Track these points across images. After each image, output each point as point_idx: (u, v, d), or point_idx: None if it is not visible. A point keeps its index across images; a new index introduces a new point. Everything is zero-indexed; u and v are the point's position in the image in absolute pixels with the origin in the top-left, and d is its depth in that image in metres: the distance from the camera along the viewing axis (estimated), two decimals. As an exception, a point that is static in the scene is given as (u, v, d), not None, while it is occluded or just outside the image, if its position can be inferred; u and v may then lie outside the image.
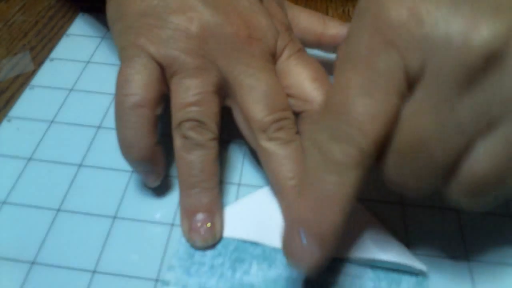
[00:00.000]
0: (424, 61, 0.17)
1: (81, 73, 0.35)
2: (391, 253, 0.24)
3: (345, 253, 0.24)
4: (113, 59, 0.36)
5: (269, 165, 0.25)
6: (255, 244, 0.25)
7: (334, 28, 0.31)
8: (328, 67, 0.28)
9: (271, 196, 0.26)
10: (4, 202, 0.27)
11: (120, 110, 0.24)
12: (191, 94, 0.25)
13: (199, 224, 0.24)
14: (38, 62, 0.36)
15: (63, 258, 0.24)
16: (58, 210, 0.26)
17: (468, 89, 0.17)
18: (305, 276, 0.23)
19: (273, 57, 0.27)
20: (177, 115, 0.25)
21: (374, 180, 0.28)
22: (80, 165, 0.29)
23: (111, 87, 0.33)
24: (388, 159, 0.19)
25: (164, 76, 0.26)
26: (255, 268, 0.24)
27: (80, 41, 0.37)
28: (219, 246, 0.25)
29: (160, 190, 0.27)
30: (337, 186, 0.19)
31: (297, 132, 0.26)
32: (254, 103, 0.25)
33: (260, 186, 0.27)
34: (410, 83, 0.18)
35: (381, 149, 0.19)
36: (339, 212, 0.19)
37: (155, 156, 0.25)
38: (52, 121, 0.31)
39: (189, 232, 0.24)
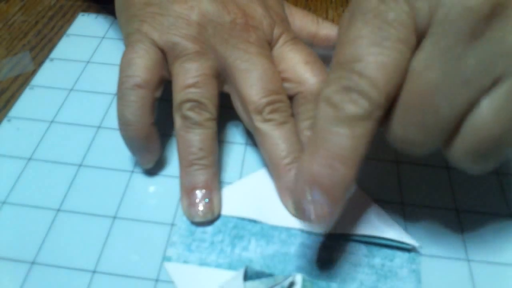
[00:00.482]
0: (432, 10, 0.18)
1: (81, 73, 0.35)
2: (384, 229, 0.25)
3: (340, 229, 0.25)
4: (113, 59, 0.35)
5: (264, 145, 0.26)
6: (253, 221, 0.26)
7: (327, 29, 0.33)
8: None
9: (268, 177, 0.28)
10: (4, 202, 0.27)
11: (121, 90, 0.26)
12: (190, 77, 0.26)
13: (197, 200, 0.25)
14: (38, 62, 0.36)
15: (63, 258, 0.24)
16: (58, 210, 0.26)
17: (474, 40, 0.17)
18: (301, 252, 0.24)
19: (269, 44, 0.28)
20: (177, 97, 0.26)
21: (374, 180, 0.28)
22: (80, 165, 0.29)
23: (111, 87, 0.34)
24: (395, 113, 0.19)
25: (165, 61, 0.27)
26: (253, 245, 0.25)
27: (80, 41, 0.37)
28: (218, 224, 0.26)
29: (160, 190, 0.27)
30: (349, 139, 0.19)
31: (292, 115, 0.27)
32: (250, 86, 0.26)
33: (260, 186, 0.28)
34: (419, 35, 0.18)
35: (390, 101, 0.19)
36: (352, 166, 0.19)
37: (150, 135, 0.27)
38: (52, 121, 0.31)
39: (188, 208, 0.25)
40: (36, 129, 0.30)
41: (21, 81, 0.34)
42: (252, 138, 0.28)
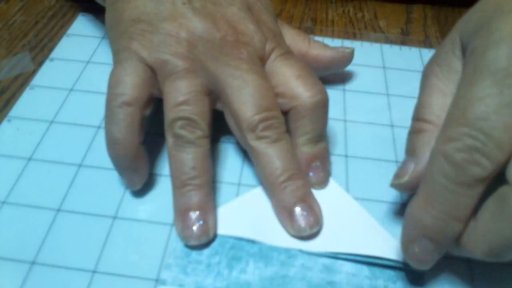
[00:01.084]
0: None
1: (81, 73, 0.35)
2: (387, 250, 0.24)
3: (342, 249, 0.24)
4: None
5: (258, 163, 0.26)
6: (251, 242, 0.25)
7: (317, 49, 0.32)
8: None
9: (265, 195, 0.27)
10: (4, 202, 0.27)
11: (110, 107, 0.26)
12: (181, 94, 0.26)
13: (191, 222, 0.24)
14: (38, 62, 0.36)
15: (63, 258, 0.24)
16: (58, 210, 0.26)
17: None
18: (301, 274, 0.24)
19: (261, 60, 0.28)
20: (168, 115, 0.26)
21: (374, 179, 0.28)
22: (80, 165, 0.29)
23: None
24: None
25: (155, 79, 0.27)
26: (251, 267, 0.24)
27: (80, 41, 0.37)
28: (215, 245, 0.25)
29: (161, 190, 0.27)
30: (468, 198, 0.19)
31: (287, 131, 0.26)
32: (242, 103, 0.26)
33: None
34: None
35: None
36: (464, 221, 0.20)
37: (138, 155, 0.26)
38: (52, 121, 0.31)
39: (182, 231, 0.25)
40: (36, 129, 0.30)
41: (21, 81, 0.34)
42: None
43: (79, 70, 0.35)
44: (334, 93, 0.34)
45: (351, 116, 0.33)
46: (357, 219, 0.26)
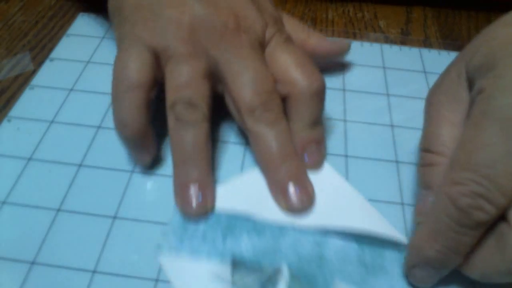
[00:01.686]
0: None
1: (81, 73, 0.35)
2: (375, 226, 0.25)
3: (332, 225, 0.25)
4: (113, 59, 0.35)
5: (257, 144, 0.27)
6: (246, 218, 0.26)
7: (316, 39, 0.33)
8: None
9: (261, 176, 0.28)
10: (4, 202, 0.27)
11: (116, 92, 0.27)
12: (183, 78, 0.26)
13: (191, 197, 0.26)
14: (38, 62, 0.36)
15: (63, 258, 0.24)
16: (58, 210, 0.26)
17: None
18: (292, 248, 0.25)
19: (262, 46, 0.28)
20: (170, 97, 0.27)
21: (374, 180, 0.28)
22: (80, 165, 0.29)
23: (111, 87, 0.33)
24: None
25: (158, 63, 0.27)
26: (245, 239, 0.25)
27: (80, 41, 0.37)
28: (212, 218, 0.26)
29: (160, 190, 0.27)
30: (470, 238, 0.21)
31: (284, 115, 0.27)
32: (242, 87, 0.26)
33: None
34: None
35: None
36: (464, 254, 0.22)
37: (146, 135, 0.27)
38: (52, 121, 0.31)
39: (182, 205, 0.26)
40: (36, 129, 0.31)
41: (21, 81, 0.34)
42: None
43: (79, 70, 0.35)
44: (334, 93, 0.34)
45: (351, 116, 0.33)
46: (348, 198, 0.27)
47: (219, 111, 0.29)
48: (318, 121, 0.28)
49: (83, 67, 0.35)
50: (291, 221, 0.26)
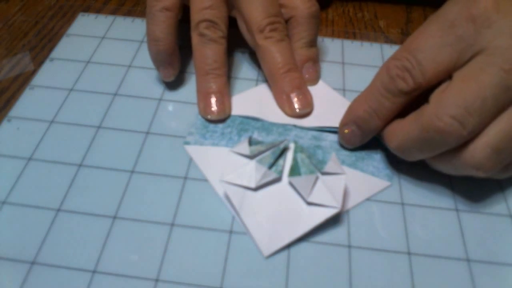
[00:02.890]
0: (491, 40, 0.23)
1: (81, 73, 0.35)
2: None
3: (326, 124, 0.31)
4: (113, 59, 0.36)
5: (264, 58, 0.32)
6: (256, 119, 0.32)
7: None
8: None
9: (267, 88, 0.34)
10: (4, 202, 0.27)
11: (151, 12, 0.31)
12: (206, 1, 0.31)
13: (212, 102, 0.31)
14: (38, 62, 0.36)
15: (63, 258, 0.24)
16: (58, 210, 0.26)
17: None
18: (295, 140, 0.31)
19: None
20: (194, 17, 0.32)
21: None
22: (80, 165, 0.29)
23: (111, 87, 0.34)
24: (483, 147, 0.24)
25: None
26: (256, 135, 0.31)
27: (80, 41, 0.37)
28: (228, 120, 0.31)
29: (160, 190, 0.27)
30: (390, 102, 0.26)
31: (287, 35, 0.33)
32: (253, 9, 0.32)
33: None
34: (474, 55, 0.24)
35: (428, 89, 0.25)
36: (384, 121, 0.27)
37: (174, 51, 0.32)
38: (52, 121, 0.31)
39: (204, 109, 0.31)
40: (36, 129, 0.31)
41: (21, 81, 0.34)
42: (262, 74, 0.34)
43: (79, 70, 0.35)
44: (334, 93, 0.34)
45: (351, 116, 0.33)
46: (339, 105, 0.32)
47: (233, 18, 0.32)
48: (314, 42, 0.34)
49: (83, 67, 0.35)
50: (292, 121, 0.31)
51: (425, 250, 0.25)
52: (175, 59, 0.32)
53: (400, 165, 0.29)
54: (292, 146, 0.28)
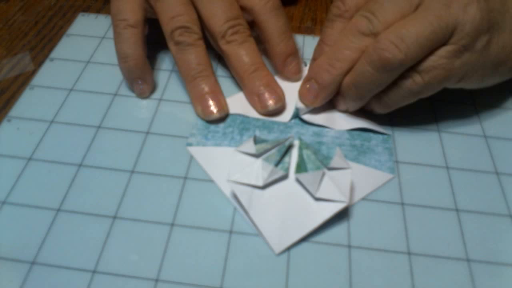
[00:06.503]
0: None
1: (81, 73, 0.35)
2: (363, 123, 0.31)
3: (330, 124, 0.31)
4: (113, 59, 0.35)
5: (230, 62, 0.32)
6: (256, 118, 0.32)
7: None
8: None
9: None
10: (4, 202, 0.27)
11: (117, 31, 0.32)
12: (172, 8, 0.31)
13: (209, 103, 0.31)
14: (38, 62, 0.36)
15: (63, 258, 0.24)
16: (58, 210, 0.26)
17: None
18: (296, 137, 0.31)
19: None
20: (166, 28, 0.31)
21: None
22: (80, 165, 0.29)
23: (111, 87, 0.34)
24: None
25: (147, 3, 0.32)
26: (258, 134, 0.31)
27: (80, 41, 0.37)
28: (228, 120, 0.32)
29: (160, 190, 0.27)
30: (348, 43, 0.28)
31: (251, 35, 0.32)
32: (213, 16, 0.31)
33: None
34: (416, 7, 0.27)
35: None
36: (343, 73, 0.29)
37: (145, 66, 0.32)
38: (52, 121, 0.31)
39: (204, 112, 0.31)
40: (36, 129, 0.31)
41: (21, 81, 0.34)
42: None
43: (79, 70, 0.35)
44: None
45: (351, 116, 0.33)
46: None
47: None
48: (287, 35, 0.33)
49: (83, 67, 0.35)
50: (293, 119, 0.32)
51: (425, 250, 0.25)
52: (147, 74, 0.32)
53: (400, 164, 0.29)
54: (297, 143, 0.29)
